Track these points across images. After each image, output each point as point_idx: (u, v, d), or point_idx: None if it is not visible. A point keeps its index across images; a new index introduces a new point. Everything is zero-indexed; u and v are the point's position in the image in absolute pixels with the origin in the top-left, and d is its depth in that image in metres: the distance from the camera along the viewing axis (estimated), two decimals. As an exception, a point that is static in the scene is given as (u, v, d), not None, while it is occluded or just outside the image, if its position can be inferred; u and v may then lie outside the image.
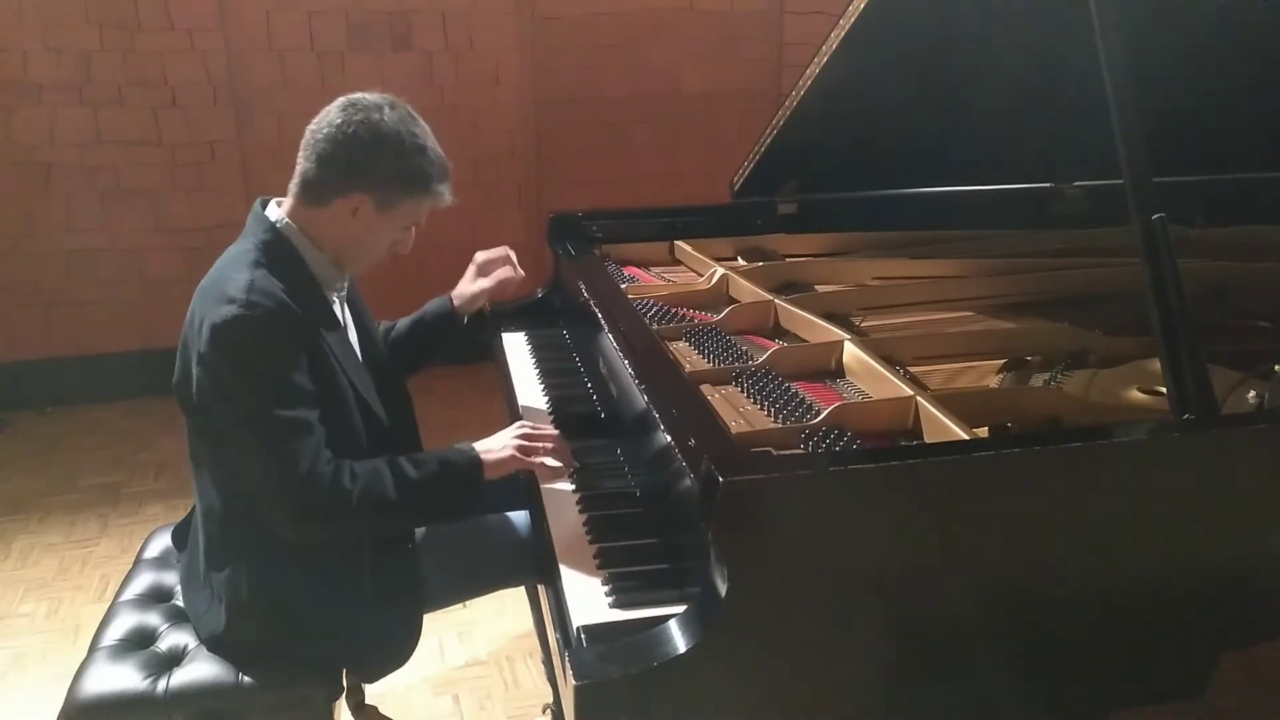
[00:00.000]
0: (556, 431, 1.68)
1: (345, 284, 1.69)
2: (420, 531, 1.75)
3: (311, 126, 1.54)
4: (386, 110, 1.52)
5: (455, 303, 1.98)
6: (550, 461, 1.64)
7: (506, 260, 2.01)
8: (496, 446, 1.61)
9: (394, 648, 1.63)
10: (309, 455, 1.45)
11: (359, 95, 1.54)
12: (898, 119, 2.28)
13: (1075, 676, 1.40)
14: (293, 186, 1.56)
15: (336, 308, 1.65)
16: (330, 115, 1.52)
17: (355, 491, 1.47)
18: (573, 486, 1.65)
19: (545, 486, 1.66)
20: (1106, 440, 1.36)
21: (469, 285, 2.00)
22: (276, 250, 1.54)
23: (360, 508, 1.48)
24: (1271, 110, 2.29)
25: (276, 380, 1.45)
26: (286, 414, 1.44)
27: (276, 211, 1.58)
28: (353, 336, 1.70)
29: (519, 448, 1.61)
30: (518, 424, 1.69)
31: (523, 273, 2.02)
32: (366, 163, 1.51)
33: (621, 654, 1.18)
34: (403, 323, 1.98)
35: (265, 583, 1.56)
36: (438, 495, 1.56)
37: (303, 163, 1.54)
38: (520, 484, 1.75)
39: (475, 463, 1.58)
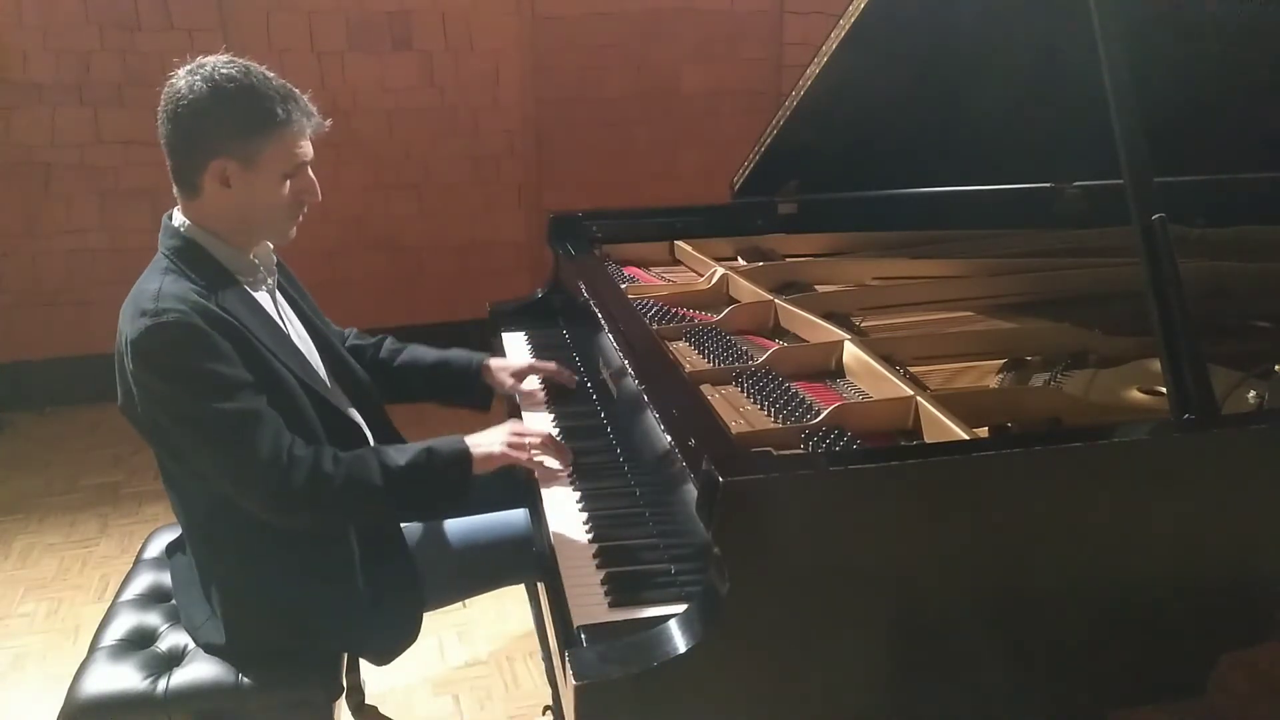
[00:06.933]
0: (548, 432, 1.68)
1: (269, 275, 1.64)
2: (418, 530, 1.75)
3: None
4: (185, 78, 1.49)
5: (485, 372, 1.94)
6: (548, 461, 1.65)
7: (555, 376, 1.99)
8: (485, 441, 1.61)
9: (398, 626, 1.63)
10: (268, 440, 1.43)
11: (168, 82, 1.51)
12: (898, 119, 2.28)
13: (1075, 676, 1.40)
14: (174, 190, 1.56)
15: (265, 299, 1.61)
16: (158, 111, 1.51)
17: (338, 476, 1.46)
18: (573, 486, 1.65)
19: (544, 487, 1.66)
20: (1106, 440, 1.36)
21: (509, 369, 1.97)
22: (184, 253, 1.53)
23: (345, 493, 1.47)
24: (1271, 110, 2.29)
25: (207, 377, 1.42)
26: (229, 406, 1.43)
27: (179, 217, 1.57)
28: (293, 329, 1.67)
29: (508, 444, 1.61)
30: (510, 421, 1.69)
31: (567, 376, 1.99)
32: (202, 130, 1.48)
33: (621, 654, 1.18)
34: (424, 355, 1.95)
35: (258, 583, 1.56)
36: (424, 484, 1.55)
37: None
38: (520, 483, 1.75)
39: (463, 454, 1.57)
